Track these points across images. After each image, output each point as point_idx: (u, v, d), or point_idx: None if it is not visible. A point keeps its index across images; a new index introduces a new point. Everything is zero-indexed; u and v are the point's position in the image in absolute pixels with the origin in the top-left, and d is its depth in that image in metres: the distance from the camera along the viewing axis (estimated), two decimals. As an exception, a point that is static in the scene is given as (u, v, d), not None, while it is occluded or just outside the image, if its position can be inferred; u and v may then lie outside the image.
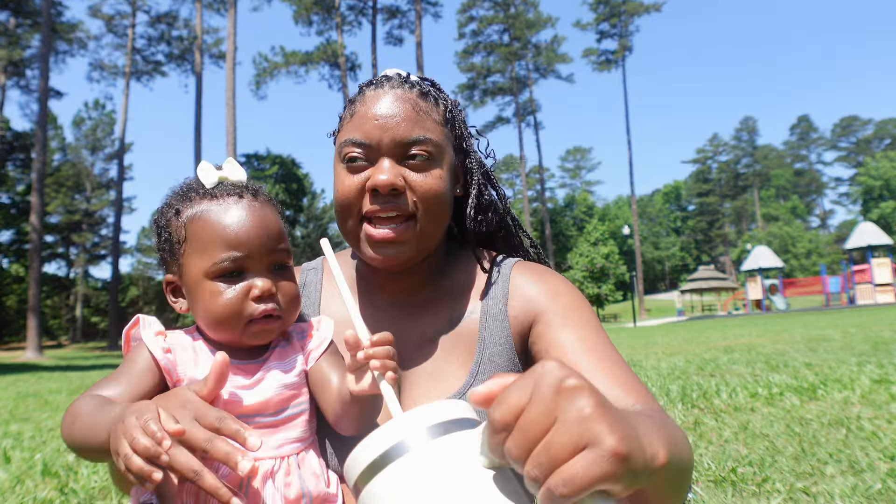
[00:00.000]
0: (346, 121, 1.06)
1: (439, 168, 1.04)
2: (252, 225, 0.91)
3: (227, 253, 0.89)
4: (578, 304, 1.06)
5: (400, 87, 1.05)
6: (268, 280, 0.91)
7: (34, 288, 24.69)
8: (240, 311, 0.89)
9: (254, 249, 0.91)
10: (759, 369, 6.06)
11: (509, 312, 1.07)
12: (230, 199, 0.93)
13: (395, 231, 1.00)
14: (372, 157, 1.01)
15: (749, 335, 12.39)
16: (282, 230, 0.96)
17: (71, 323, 55.48)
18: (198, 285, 0.91)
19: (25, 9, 33.60)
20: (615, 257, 50.03)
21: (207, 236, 0.91)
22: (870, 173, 74.19)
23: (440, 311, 1.11)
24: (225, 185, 0.96)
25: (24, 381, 11.58)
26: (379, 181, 0.98)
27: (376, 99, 1.04)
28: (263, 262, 0.92)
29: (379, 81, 1.08)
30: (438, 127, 1.05)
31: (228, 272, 0.90)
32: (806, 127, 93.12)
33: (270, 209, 0.97)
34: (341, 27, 43.56)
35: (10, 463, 3.62)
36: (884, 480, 2.29)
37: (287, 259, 0.96)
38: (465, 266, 1.15)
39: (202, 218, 0.92)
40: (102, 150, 56.80)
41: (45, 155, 26.40)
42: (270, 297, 0.91)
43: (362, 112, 1.03)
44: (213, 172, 0.97)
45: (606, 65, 56.23)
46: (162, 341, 0.92)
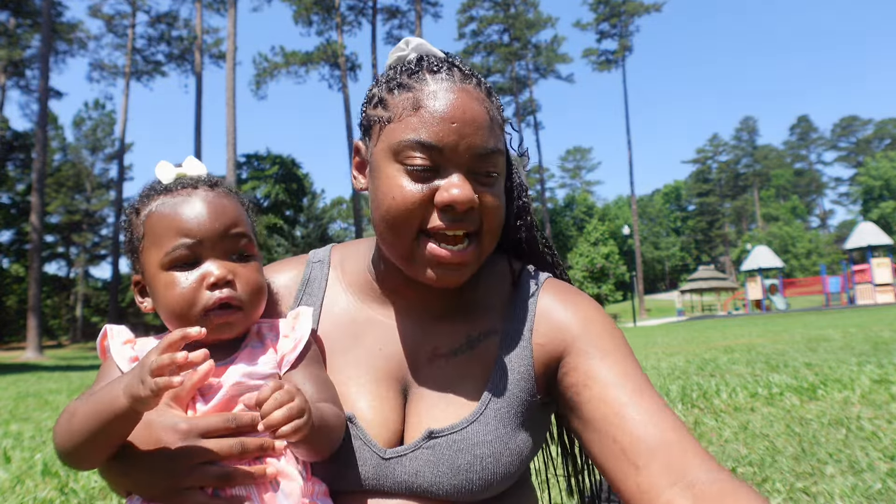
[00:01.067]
0: (406, 112, 0.89)
1: (502, 183, 0.95)
2: (204, 211, 0.89)
3: (179, 240, 0.88)
4: (612, 331, 0.99)
5: (468, 82, 0.91)
6: (223, 267, 0.88)
7: (34, 288, 24.68)
8: (194, 301, 0.86)
9: (206, 235, 0.88)
10: (759, 369, 6.06)
11: (534, 339, 0.99)
12: (185, 191, 0.92)
13: (463, 254, 0.90)
14: (439, 165, 0.88)
15: (749, 335, 12.38)
16: (239, 217, 0.93)
17: (71, 323, 55.44)
18: (155, 278, 0.90)
19: (25, 9, 33.57)
20: (615, 257, 50.01)
21: (162, 227, 0.89)
22: (870, 173, 74.17)
23: (458, 326, 1.01)
24: (182, 180, 0.94)
25: (25, 380, 11.58)
26: (458, 198, 0.86)
27: (447, 94, 0.88)
28: (218, 249, 0.89)
29: (439, 66, 0.92)
30: (502, 133, 0.95)
31: (182, 260, 0.88)
32: (806, 127, 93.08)
33: (228, 199, 0.94)
34: (341, 27, 43.54)
35: (11, 463, 3.62)
36: (884, 480, 2.29)
37: (247, 247, 0.93)
38: (489, 278, 1.06)
39: (158, 211, 0.91)
40: (102, 150, 56.76)
41: (45, 155, 26.38)
42: (227, 284, 0.88)
43: (431, 107, 0.87)
44: (171, 169, 0.96)
45: (606, 65, 56.18)
46: (130, 350, 0.90)
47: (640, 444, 0.86)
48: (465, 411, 0.95)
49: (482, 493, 0.91)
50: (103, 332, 0.94)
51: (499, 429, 0.94)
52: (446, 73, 0.91)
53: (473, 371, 0.98)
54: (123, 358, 0.89)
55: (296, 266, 1.12)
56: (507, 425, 0.95)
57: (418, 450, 0.91)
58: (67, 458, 0.82)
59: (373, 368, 0.99)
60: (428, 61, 0.93)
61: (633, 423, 0.88)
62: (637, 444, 0.86)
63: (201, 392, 0.85)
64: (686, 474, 0.81)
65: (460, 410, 0.95)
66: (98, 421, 0.76)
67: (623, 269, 49.87)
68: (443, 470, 0.89)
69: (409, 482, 0.90)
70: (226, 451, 0.79)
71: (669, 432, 0.86)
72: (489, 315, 1.03)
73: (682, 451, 0.84)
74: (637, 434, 0.87)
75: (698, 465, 0.83)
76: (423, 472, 0.90)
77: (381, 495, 0.91)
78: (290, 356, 0.91)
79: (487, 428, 0.93)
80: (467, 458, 0.90)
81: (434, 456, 0.90)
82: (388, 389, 0.98)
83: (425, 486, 0.90)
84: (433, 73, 0.91)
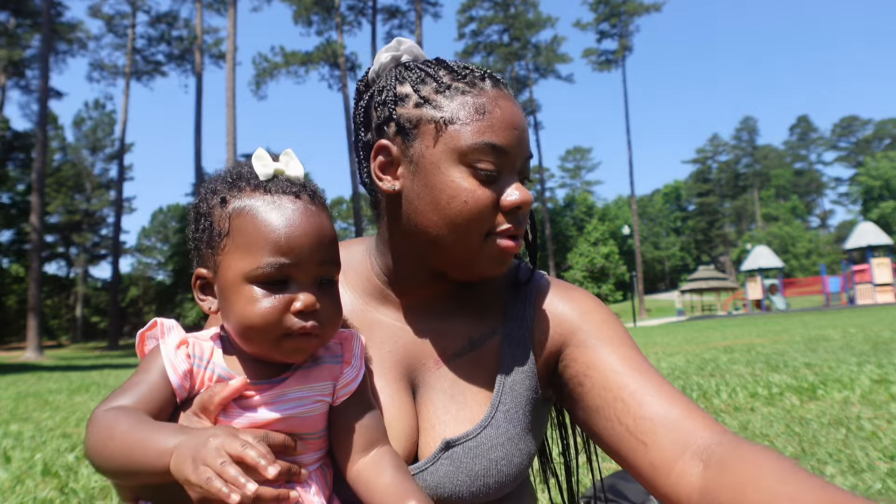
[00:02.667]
0: (469, 115, 0.91)
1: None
2: (306, 231, 0.81)
3: (273, 258, 0.79)
4: (611, 321, 1.01)
5: (510, 91, 0.97)
6: (312, 294, 0.80)
7: (34, 288, 24.68)
8: (277, 324, 0.79)
9: (303, 259, 0.80)
10: (759, 369, 6.06)
11: (535, 336, 1.01)
12: (286, 199, 0.82)
13: (519, 245, 0.95)
14: (501, 168, 0.92)
15: (749, 335, 12.38)
16: (335, 240, 0.85)
17: (71, 323, 55.47)
18: (234, 287, 0.81)
19: (25, 9, 33.60)
20: (615, 257, 50.05)
21: (254, 235, 0.80)
22: (870, 173, 74.17)
23: (460, 327, 1.02)
24: (280, 180, 0.84)
25: (25, 381, 11.58)
26: (526, 199, 0.92)
27: (506, 103, 0.93)
28: (311, 274, 0.81)
29: (484, 73, 0.95)
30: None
31: (272, 279, 0.79)
32: (806, 127, 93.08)
33: (326, 215, 0.86)
34: (341, 27, 43.55)
35: (11, 463, 3.62)
36: (884, 480, 2.29)
37: (336, 273, 0.85)
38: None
39: (251, 213, 0.81)
40: (102, 150, 56.78)
41: (45, 155, 26.39)
42: (313, 314, 0.81)
43: (498, 115, 0.91)
44: (270, 163, 0.85)
45: (606, 65, 56.17)
46: (184, 361, 0.82)
47: (645, 421, 0.88)
48: (476, 415, 0.96)
49: (496, 496, 0.92)
50: (151, 324, 0.87)
51: (509, 430, 0.95)
52: (493, 80, 0.95)
53: (479, 373, 0.99)
54: (178, 371, 0.81)
55: None
56: (517, 425, 0.96)
57: (437, 462, 0.91)
58: (102, 473, 0.79)
59: (383, 369, 0.99)
60: (474, 70, 0.95)
61: (635, 403, 0.90)
62: (642, 422, 0.88)
63: (244, 407, 0.81)
64: (693, 442, 0.84)
65: (471, 415, 0.96)
66: (135, 465, 0.72)
67: (623, 269, 49.90)
68: (461, 479, 0.90)
69: (431, 495, 0.90)
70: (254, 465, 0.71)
71: (673, 406, 0.88)
72: (488, 314, 1.04)
73: (687, 422, 0.86)
74: (641, 413, 0.89)
75: (703, 431, 0.85)
76: (444, 485, 0.90)
77: None
78: (347, 388, 0.88)
79: (499, 431, 0.94)
80: (483, 463, 0.91)
81: (452, 465, 0.91)
82: (399, 391, 0.98)
83: (445, 496, 0.90)
84: (483, 80, 0.94)
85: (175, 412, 0.82)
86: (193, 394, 0.83)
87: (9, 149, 39.88)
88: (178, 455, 0.69)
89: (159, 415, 0.79)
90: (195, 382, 0.83)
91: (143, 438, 0.72)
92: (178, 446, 0.70)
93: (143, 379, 0.81)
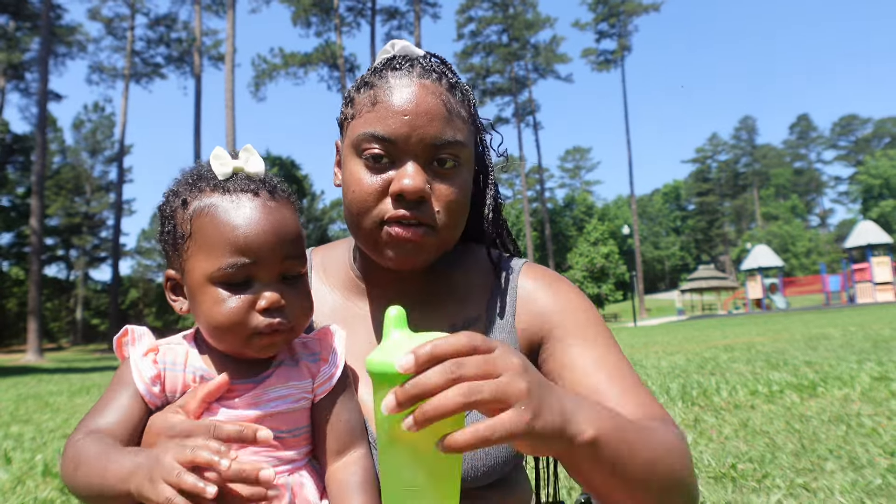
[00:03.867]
0: (365, 108, 0.93)
1: (464, 174, 0.96)
2: (265, 229, 0.81)
3: (234, 258, 0.79)
4: (590, 317, 1.00)
5: (427, 77, 0.94)
6: (277, 292, 0.81)
7: (34, 291, 24.69)
8: (243, 323, 0.80)
9: (264, 257, 0.81)
10: (759, 367, 6.06)
11: (517, 325, 1.01)
12: (244, 197, 0.83)
13: (418, 232, 0.92)
14: (395, 156, 0.92)
15: (749, 334, 12.38)
16: (299, 235, 0.86)
17: (71, 325, 55.44)
18: (200, 289, 0.82)
19: (25, 12, 33.60)
20: (615, 257, 49.97)
21: (215, 236, 0.81)
22: (869, 172, 74.16)
23: (440, 314, 1.03)
24: (239, 178, 0.85)
25: (25, 383, 11.59)
26: (406, 187, 0.89)
27: (402, 88, 0.92)
28: (274, 271, 0.82)
29: (401, 64, 0.95)
30: (466, 125, 0.97)
31: (234, 279, 0.80)
32: (805, 126, 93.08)
33: (288, 210, 0.86)
34: (340, 28, 43.58)
35: (11, 464, 3.63)
36: (884, 476, 2.29)
37: (301, 267, 0.86)
38: (466, 265, 1.09)
39: (210, 214, 0.82)
40: (102, 152, 56.77)
41: (44, 157, 26.40)
42: (279, 311, 0.82)
43: (386, 102, 0.91)
44: (228, 161, 0.86)
45: (605, 65, 56.21)
46: (151, 367, 0.83)
47: None
48: None
49: (485, 480, 0.93)
50: (122, 332, 0.88)
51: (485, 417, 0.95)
52: (407, 69, 0.94)
53: None
54: (144, 379, 0.82)
55: None
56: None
57: None
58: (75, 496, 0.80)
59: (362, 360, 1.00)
60: (395, 61, 0.97)
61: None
62: None
63: (226, 405, 0.82)
64: None
65: None
66: (101, 492, 0.74)
67: (623, 269, 49.84)
68: None
69: None
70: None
71: (637, 408, 0.88)
72: (469, 302, 1.04)
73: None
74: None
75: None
76: None
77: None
78: (325, 386, 0.88)
79: (476, 416, 0.94)
80: None
81: None
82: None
83: None
84: (394, 70, 0.95)
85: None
86: (173, 399, 0.83)
87: (8, 152, 39.92)
88: (136, 479, 0.70)
89: (137, 425, 0.81)
90: (174, 387, 0.84)
91: (103, 467, 0.73)
92: (135, 470, 0.70)
93: (113, 395, 0.82)
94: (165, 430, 0.77)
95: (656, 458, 0.75)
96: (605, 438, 0.68)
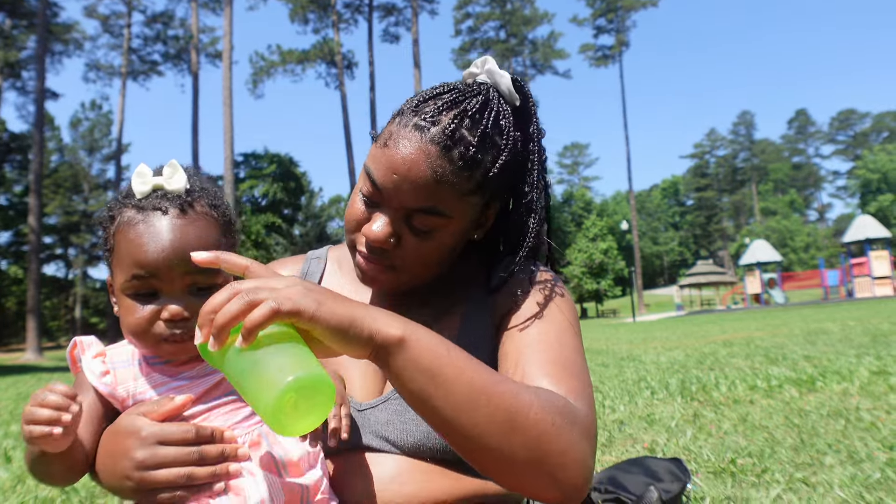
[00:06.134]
0: (380, 142, 0.96)
1: (445, 236, 0.97)
2: (164, 245, 0.85)
3: (135, 271, 0.86)
4: (561, 306, 1.00)
5: (433, 144, 0.90)
6: (179, 305, 0.86)
7: (33, 289, 24.69)
8: (148, 332, 0.87)
9: (163, 272, 0.86)
10: (758, 362, 6.07)
11: (496, 306, 1.03)
12: (152, 214, 0.88)
13: (378, 270, 0.98)
14: (380, 201, 0.95)
15: (748, 329, 12.40)
16: (203, 248, 0.85)
17: (70, 324, 55.40)
18: (118, 297, 0.90)
19: (21, 10, 33.50)
20: (614, 253, 50.03)
21: (124, 251, 0.87)
22: (867, 166, 74.20)
23: (434, 301, 1.07)
24: (155, 196, 0.89)
25: (25, 382, 11.60)
26: (369, 234, 0.95)
27: (406, 144, 0.91)
28: (176, 285, 0.87)
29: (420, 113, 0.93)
30: (461, 199, 0.94)
31: (139, 291, 0.87)
32: (803, 120, 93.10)
33: (201, 225, 0.90)
34: (337, 25, 43.52)
35: (11, 462, 3.63)
36: (882, 470, 2.30)
37: (212, 280, 0.89)
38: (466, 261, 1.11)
39: (124, 230, 0.88)
40: (100, 150, 56.69)
41: (42, 156, 26.36)
42: (183, 321, 0.87)
43: (390, 151, 0.92)
44: (149, 179, 0.90)
45: (603, 60, 56.20)
46: (100, 365, 0.91)
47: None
48: None
49: (449, 452, 0.93)
50: (73, 344, 0.94)
51: None
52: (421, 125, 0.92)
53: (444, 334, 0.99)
54: (94, 372, 0.90)
55: (295, 263, 1.22)
56: None
57: (388, 401, 0.98)
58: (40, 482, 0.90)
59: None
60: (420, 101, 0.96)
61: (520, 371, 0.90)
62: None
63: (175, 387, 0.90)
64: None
65: None
66: (34, 461, 0.84)
67: (622, 265, 49.92)
68: (409, 417, 0.94)
69: (380, 431, 0.95)
70: (182, 458, 0.81)
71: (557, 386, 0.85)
72: (462, 287, 1.08)
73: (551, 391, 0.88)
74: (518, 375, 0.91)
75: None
76: (393, 421, 0.95)
77: (360, 451, 0.96)
78: None
79: None
80: None
81: (402, 406, 0.95)
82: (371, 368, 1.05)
83: (394, 437, 0.95)
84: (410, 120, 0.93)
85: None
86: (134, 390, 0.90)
87: (6, 150, 39.85)
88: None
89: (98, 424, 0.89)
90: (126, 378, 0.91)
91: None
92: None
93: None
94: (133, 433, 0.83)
95: (494, 395, 0.73)
96: (416, 345, 0.71)
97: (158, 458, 0.81)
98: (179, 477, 0.80)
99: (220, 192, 0.98)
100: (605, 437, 3.29)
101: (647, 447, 3.00)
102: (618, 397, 4.57)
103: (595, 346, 11.15)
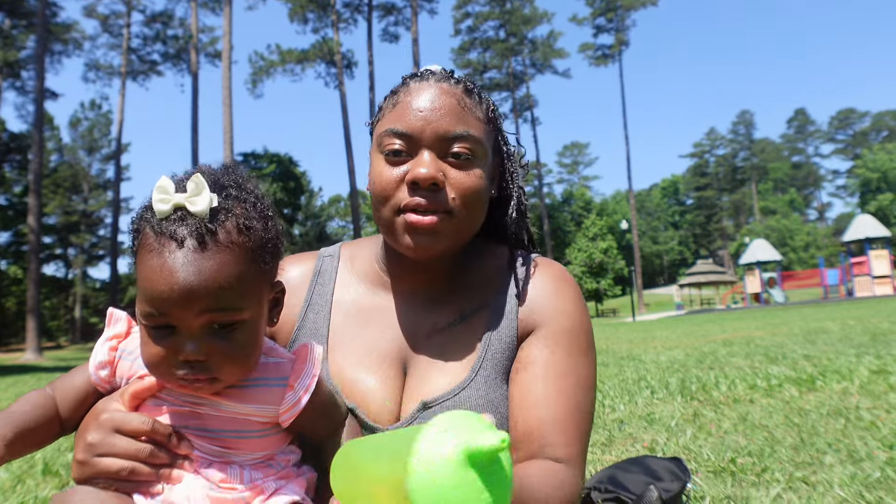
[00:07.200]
0: (388, 110, 1.05)
1: (480, 167, 1.03)
2: (176, 284, 0.76)
3: (149, 307, 0.78)
4: (578, 330, 1.08)
5: (445, 81, 1.05)
6: (193, 346, 0.79)
7: (33, 289, 24.66)
8: (165, 368, 0.81)
9: (175, 312, 0.77)
10: (758, 361, 6.07)
11: (519, 315, 1.08)
12: (168, 245, 0.78)
13: (433, 219, 0.98)
14: (412, 150, 1.01)
15: (748, 328, 12.40)
16: (226, 285, 0.78)
17: (70, 324, 55.39)
18: (139, 323, 0.83)
19: (20, 10, 33.48)
20: (613, 252, 50.03)
21: (140, 280, 0.79)
22: (867, 165, 74.18)
23: (455, 303, 1.11)
24: (175, 219, 0.79)
25: (24, 382, 11.59)
26: (420, 175, 0.97)
27: (420, 91, 1.03)
28: (191, 325, 0.78)
29: (423, 74, 1.07)
30: (481, 125, 1.05)
31: (156, 324, 0.79)
32: (803, 120, 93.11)
33: (221, 259, 0.79)
34: (337, 25, 43.46)
35: (11, 462, 3.63)
36: (882, 469, 2.30)
37: (232, 317, 0.80)
38: (486, 261, 1.16)
39: (142, 255, 0.80)
40: (99, 150, 56.66)
41: (41, 156, 26.33)
42: (200, 364, 0.80)
43: (405, 103, 1.03)
44: (170, 196, 0.80)
45: (603, 59, 56.15)
46: (105, 354, 0.90)
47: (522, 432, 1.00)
48: (457, 379, 1.03)
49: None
50: (108, 314, 0.95)
51: (489, 393, 1.02)
52: (429, 77, 1.06)
53: (465, 341, 1.07)
54: (94, 362, 0.90)
55: (309, 260, 1.24)
56: (496, 390, 1.03)
57: (413, 422, 0.99)
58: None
59: (377, 350, 1.08)
60: (420, 72, 1.09)
61: (528, 414, 1.00)
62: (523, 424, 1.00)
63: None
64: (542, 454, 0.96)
65: (453, 379, 1.03)
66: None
67: (621, 264, 49.92)
68: None
69: None
70: (132, 451, 0.80)
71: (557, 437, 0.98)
72: (482, 291, 1.12)
73: (542, 446, 0.97)
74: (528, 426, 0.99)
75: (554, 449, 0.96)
76: None
77: None
78: (289, 413, 0.89)
79: (479, 393, 1.01)
80: None
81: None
82: (391, 368, 1.06)
83: None
84: (415, 78, 1.07)
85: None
86: (122, 384, 0.90)
87: (5, 150, 39.82)
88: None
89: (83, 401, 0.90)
90: (122, 374, 0.89)
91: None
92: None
93: (78, 370, 0.93)
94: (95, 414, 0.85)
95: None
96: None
97: (107, 445, 0.80)
98: (122, 469, 0.79)
99: (258, 200, 0.87)
100: (605, 436, 3.29)
101: (646, 446, 3.00)
102: (618, 396, 4.56)
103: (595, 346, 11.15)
